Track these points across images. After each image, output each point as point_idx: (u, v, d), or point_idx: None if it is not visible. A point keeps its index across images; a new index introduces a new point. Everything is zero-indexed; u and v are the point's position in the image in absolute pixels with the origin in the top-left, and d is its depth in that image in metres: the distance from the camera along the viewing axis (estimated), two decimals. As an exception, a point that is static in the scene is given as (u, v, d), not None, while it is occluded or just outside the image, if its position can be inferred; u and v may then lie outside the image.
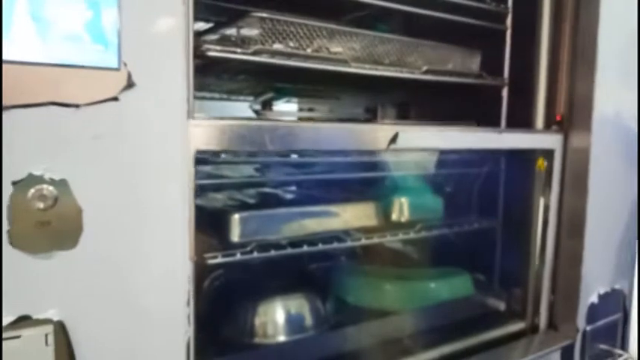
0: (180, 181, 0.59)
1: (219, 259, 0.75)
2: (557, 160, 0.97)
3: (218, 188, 0.89)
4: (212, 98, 1.14)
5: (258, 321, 0.88)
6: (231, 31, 0.84)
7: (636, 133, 1.03)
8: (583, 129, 0.95)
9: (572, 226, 0.97)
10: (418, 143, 0.79)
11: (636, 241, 1.07)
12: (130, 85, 0.54)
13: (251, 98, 1.12)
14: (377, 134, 0.75)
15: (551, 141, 0.96)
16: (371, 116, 1.24)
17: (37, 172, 0.51)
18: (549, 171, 0.97)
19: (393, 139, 0.75)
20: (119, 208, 0.55)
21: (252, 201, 0.91)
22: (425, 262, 1.09)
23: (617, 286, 1.05)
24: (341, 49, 0.85)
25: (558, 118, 0.98)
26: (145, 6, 0.54)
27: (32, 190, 0.51)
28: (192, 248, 0.60)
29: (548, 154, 0.97)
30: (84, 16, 0.52)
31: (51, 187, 0.51)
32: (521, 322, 1.01)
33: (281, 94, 0.96)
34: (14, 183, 0.50)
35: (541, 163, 0.97)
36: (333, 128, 0.73)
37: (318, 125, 0.72)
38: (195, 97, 0.61)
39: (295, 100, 1.12)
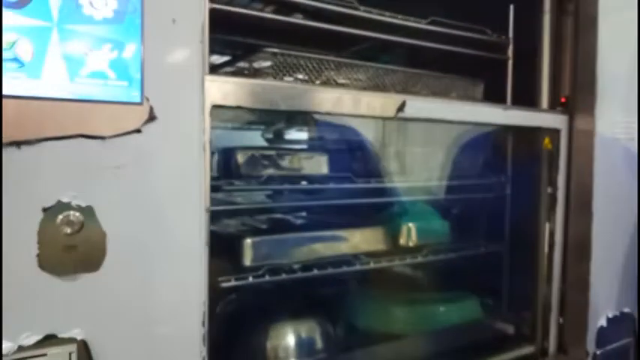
0: (197, 208, 0.62)
1: (233, 283, 0.77)
2: (564, 141, 0.97)
3: (231, 214, 0.92)
4: (225, 127, 1.18)
5: (269, 344, 0.90)
6: (245, 65, 0.89)
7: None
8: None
9: (578, 245, 0.98)
10: (425, 113, 0.81)
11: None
12: (151, 118, 0.58)
13: (263, 127, 1.16)
14: (385, 101, 0.76)
15: (556, 120, 0.97)
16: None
17: (65, 200, 0.54)
18: (556, 160, 0.97)
19: (401, 107, 0.77)
20: (140, 233, 0.58)
21: (263, 226, 0.94)
22: (433, 285, 1.10)
23: (626, 310, 1.05)
24: (348, 81, 0.89)
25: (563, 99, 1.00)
26: (165, 45, 0.59)
27: (60, 217, 0.54)
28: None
29: (554, 133, 0.98)
30: (110, 56, 0.56)
31: (78, 214, 0.55)
32: (530, 345, 1.01)
33: (291, 123, 1.00)
34: (44, 210, 0.54)
35: (547, 142, 0.98)
36: (341, 92, 0.74)
37: (328, 89, 0.74)
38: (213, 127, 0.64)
39: (306, 128, 1.16)
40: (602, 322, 1.00)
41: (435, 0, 0.91)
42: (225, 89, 0.64)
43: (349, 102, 0.74)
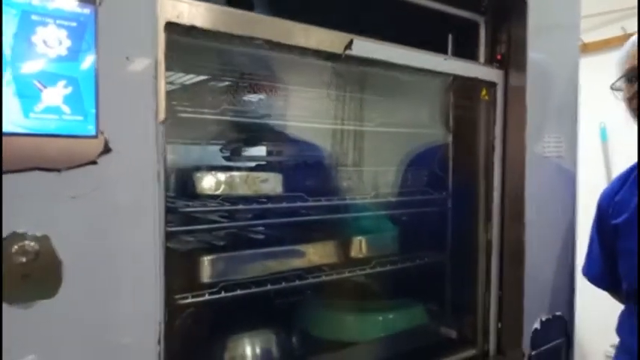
0: (153, 231, 0.65)
1: (189, 300, 0.80)
2: (500, 94, 1.04)
3: (189, 231, 0.95)
4: (184, 143, 1.20)
5: (227, 356, 0.93)
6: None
7: (574, 171, 1.16)
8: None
9: (513, 253, 1.06)
10: (371, 53, 0.85)
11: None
12: (107, 150, 0.61)
13: (222, 142, 1.19)
14: (334, 38, 0.80)
15: (493, 74, 1.04)
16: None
17: (20, 230, 0.56)
18: (493, 112, 1.04)
19: (349, 45, 0.81)
20: (96, 258, 0.61)
21: (220, 242, 0.98)
22: (383, 293, 1.16)
23: (558, 313, 1.14)
24: (304, 104, 0.94)
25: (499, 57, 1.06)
26: (119, 81, 0.62)
27: (15, 247, 0.56)
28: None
29: (491, 86, 1.04)
30: (64, 91, 0.59)
31: (33, 243, 0.57)
32: (472, 348, 1.09)
33: (249, 142, 1.05)
34: (-1, 241, 0.55)
35: (485, 93, 1.05)
36: (293, 25, 0.76)
37: (281, 20, 0.75)
38: (168, 142, 0.67)
39: (264, 143, 1.20)
40: (537, 325, 1.09)
41: (384, 28, 0.97)
42: (179, 8, 0.65)
43: (300, 35, 0.77)
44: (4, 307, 0.55)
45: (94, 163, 0.60)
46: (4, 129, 0.55)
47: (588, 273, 1.21)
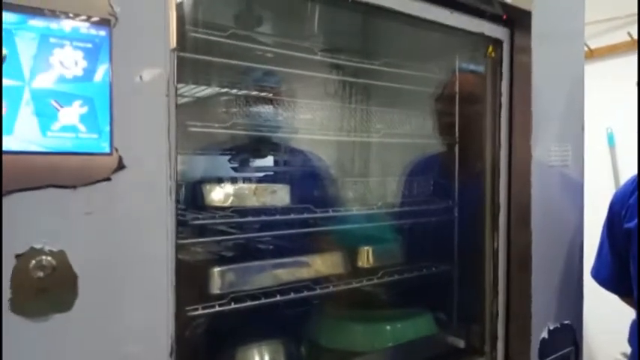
0: (165, 245, 0.66)
1: (200, 312, 0.82)
2: (506, 52, 1.03)
3: (198, 244, 0.97)
4: (194, 153, 1.21)
5: (236, 366, 0.94)
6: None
7: (581, 178, 1.16)
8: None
9: (519, 261, 1.06)
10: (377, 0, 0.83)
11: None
12: (120, 167, 0.62)
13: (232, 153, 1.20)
14: None
15: (499, 32, 1.02)
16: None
17: (37, 246, 0.58)
18: (500, 68, 1.03)
19: None
20: (109, 272, 0.63)
21: (229, 254, 0.99)
22: (391, 303, 1.17)
23: (566, 322, 1.14)
24: (310, 116, 0.96)
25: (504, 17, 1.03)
26: (133, 99, 0.63)
27: (33, 262, 0.58)
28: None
29: (497, 44, 1.03)
30: (80, 111, 0.60)
31: (50, 258, 0.59)
32: (480, 357, 1.09)
33: (258, 154, 1.06)
34: (17, 256, 0.57)
35: (491, 50, 1.04)
36: None
37: None
38: (178, 154, 0.69)
39: (273, 154, 1.21)
40: (544, 334, 1.09)
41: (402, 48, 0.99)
42: None
43: None
44: (22, 321, 0.57)
45: (108, 179, 0.62)
46: (22, 148, 0.57)
47: (597, 276, 1.20)
